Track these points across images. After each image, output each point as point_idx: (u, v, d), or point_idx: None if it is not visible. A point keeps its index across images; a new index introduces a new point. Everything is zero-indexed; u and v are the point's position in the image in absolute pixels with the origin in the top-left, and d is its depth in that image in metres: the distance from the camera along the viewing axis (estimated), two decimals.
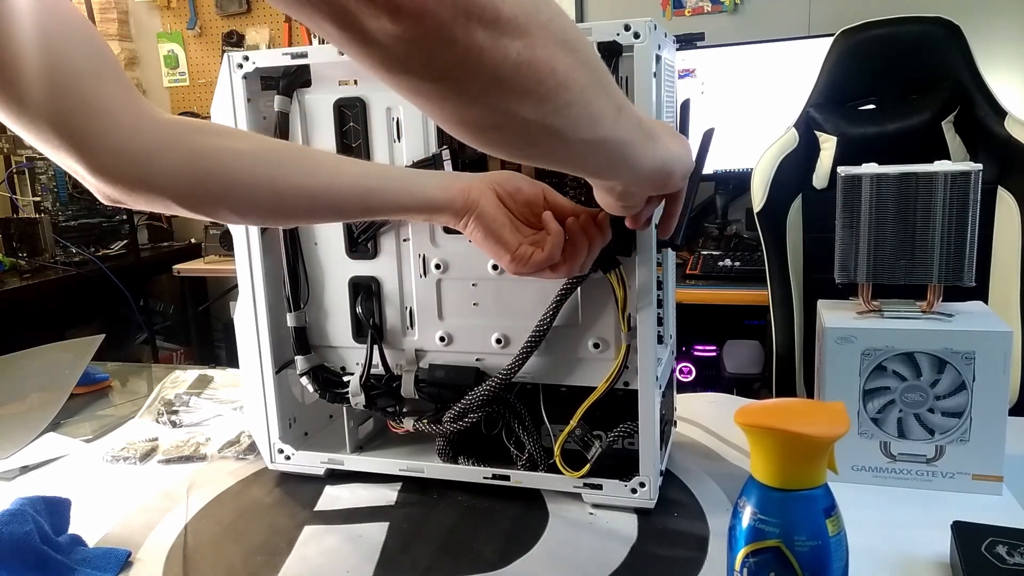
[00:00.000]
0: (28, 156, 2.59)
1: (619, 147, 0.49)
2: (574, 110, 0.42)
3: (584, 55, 0.41)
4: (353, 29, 0.34)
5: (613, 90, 0.46)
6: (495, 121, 0.41)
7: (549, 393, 0.77)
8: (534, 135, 0.43)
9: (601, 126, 0.45)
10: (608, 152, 0.48)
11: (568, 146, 0.46)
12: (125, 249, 2.68)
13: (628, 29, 0.65)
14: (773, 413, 0.49)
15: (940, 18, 1.51)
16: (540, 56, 0.38)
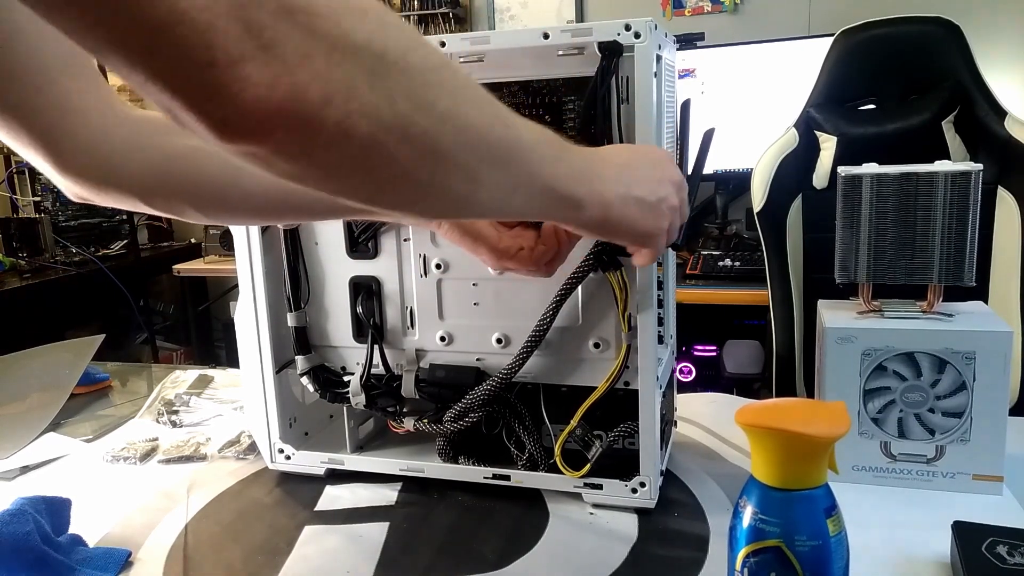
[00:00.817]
0: None
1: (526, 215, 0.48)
2: (446, 203, 0.43)
3: (466, 158, 0.41)
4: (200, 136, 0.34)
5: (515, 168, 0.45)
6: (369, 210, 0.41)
7: (549, 393, 0.77)
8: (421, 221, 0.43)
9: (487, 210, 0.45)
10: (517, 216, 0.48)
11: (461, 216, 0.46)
12: (125, 249, 2.68)
13: (629, 29, 0.65)
14: (773, 413, 0.49)
15: (940, 18, 1.51)
16: (400, 171, 0.38)
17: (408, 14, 2.67)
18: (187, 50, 0.29)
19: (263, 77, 0.31)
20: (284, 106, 0.32)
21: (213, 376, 1.18)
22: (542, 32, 0.67)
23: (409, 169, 0.39)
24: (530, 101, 0.72)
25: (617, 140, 0.68)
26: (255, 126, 0.32)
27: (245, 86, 0.31)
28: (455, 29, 2.66)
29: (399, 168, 0.38)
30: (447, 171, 0.40)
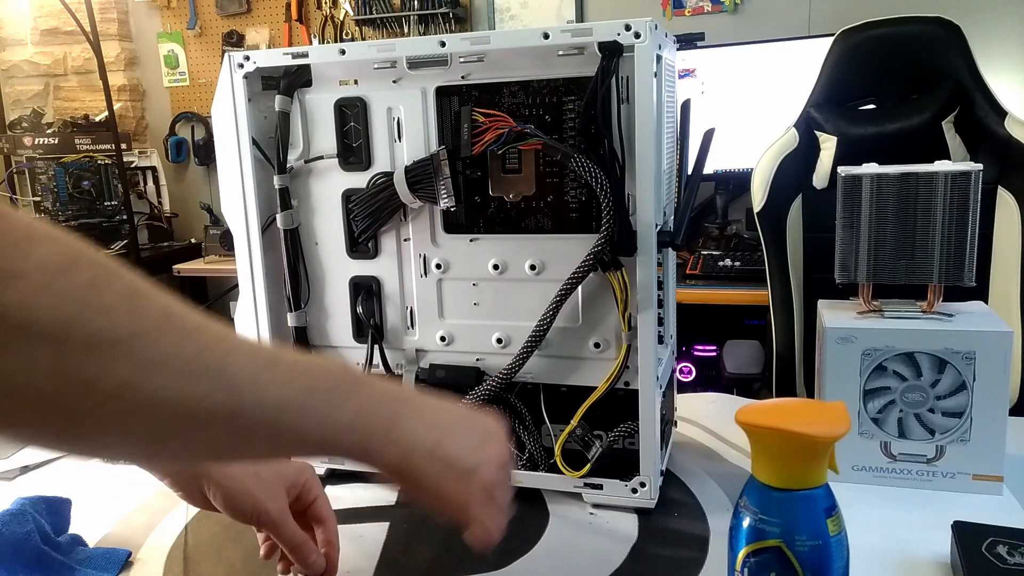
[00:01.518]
0: (28, 156, 2.59)
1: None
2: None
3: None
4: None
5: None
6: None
7: (549, 393, 0.77)
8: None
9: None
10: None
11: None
12: (125, 249, 2.68)
13: (629, 29, 0.65)
14: (773, 413, 0.49)
15: (940, 18, 1.51)
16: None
17: (408, 14, 2.66)
18: None
19: None
20: None
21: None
22: (542, 32, 0.67)
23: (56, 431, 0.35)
24: (530, 101, 0.72)
25: (617, 140, 0.68)
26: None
27: None
28: (455, 29, 2.66)
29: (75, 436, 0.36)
30: (122, 441, 0.37)
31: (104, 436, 0.36)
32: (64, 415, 0.34)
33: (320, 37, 2.83)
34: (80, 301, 0.33)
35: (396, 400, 0.47)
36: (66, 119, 2.78)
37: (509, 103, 0.72)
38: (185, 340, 0.37)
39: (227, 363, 0.39)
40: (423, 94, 0.74)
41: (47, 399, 0.33)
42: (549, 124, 0.71)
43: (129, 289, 0.36)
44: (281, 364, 0.41)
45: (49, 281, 0.32)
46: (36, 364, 0.32)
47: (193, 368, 0.37)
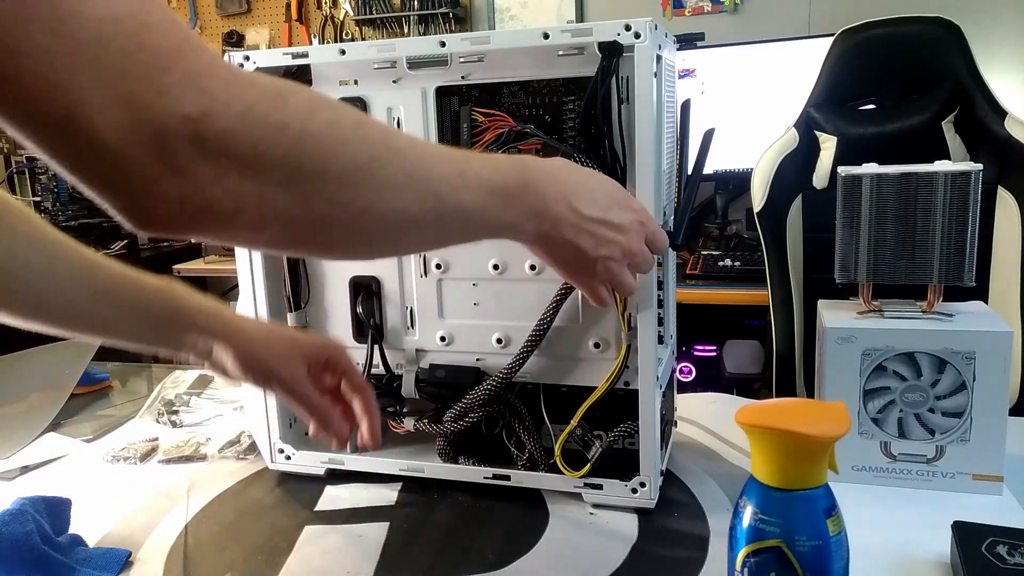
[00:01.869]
0: (28, 156, 2.59)
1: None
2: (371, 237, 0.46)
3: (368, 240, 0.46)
4: None
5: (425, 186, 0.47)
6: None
7: (550, 393, 0.77)
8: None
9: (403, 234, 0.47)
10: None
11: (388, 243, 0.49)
12: (125, 249, 2.68)
13: (629, 29, 0.65)
14: (773, 413, 0.49)
15: (940, 18, 1.51)
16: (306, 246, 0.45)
17: (408, 14, 2.66)
18: (106, 168, 0.34)
19: (176, 193, 0.35)
20: (196, 216, 0.36)
21: (213, 376, 1.18)
22: (542, 32, 0.67)
23: (324, 244, 0.44)
24: (530, 101, 0.72)
25: (618, 140, 0.68)
26: (170, 228, 0.37)
27: (158, 202, 0.35)
28: (455, 29, 2.66)
29: (315, 243, 0.44)
30: (365, 244, 0.46)
31: (355, 243, 0.46)
32: (330, 230, 0.42)
33: (320, 37, 2.83)
34: (329, 139, 0.40)
35: (557, 195, 0.55)
36: None
37: (509, 103, 0.72)
38: (402, 159, 0.45)
39: (432, 175, 0.47)
40: (423, 94, 0.74)
41: (317, 221, 0.41)
42: (549, 124, 0.71)
43: (355, 120, 0.43)
44: (468, 171, 0.50)
45: (306, 127, 0.39)
46: (311, 193, 0.40)
47: (412, 183, 0.45)
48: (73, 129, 0.32)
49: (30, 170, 2.61)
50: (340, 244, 0.45)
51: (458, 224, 0.50)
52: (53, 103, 0.31)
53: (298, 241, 0.43)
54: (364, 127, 0.44)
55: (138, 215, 0.35)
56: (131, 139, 0.33)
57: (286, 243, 0.43)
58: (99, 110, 0.32)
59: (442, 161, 0.49)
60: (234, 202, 0.37)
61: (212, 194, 0.36)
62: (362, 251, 0.48)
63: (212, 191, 0.36)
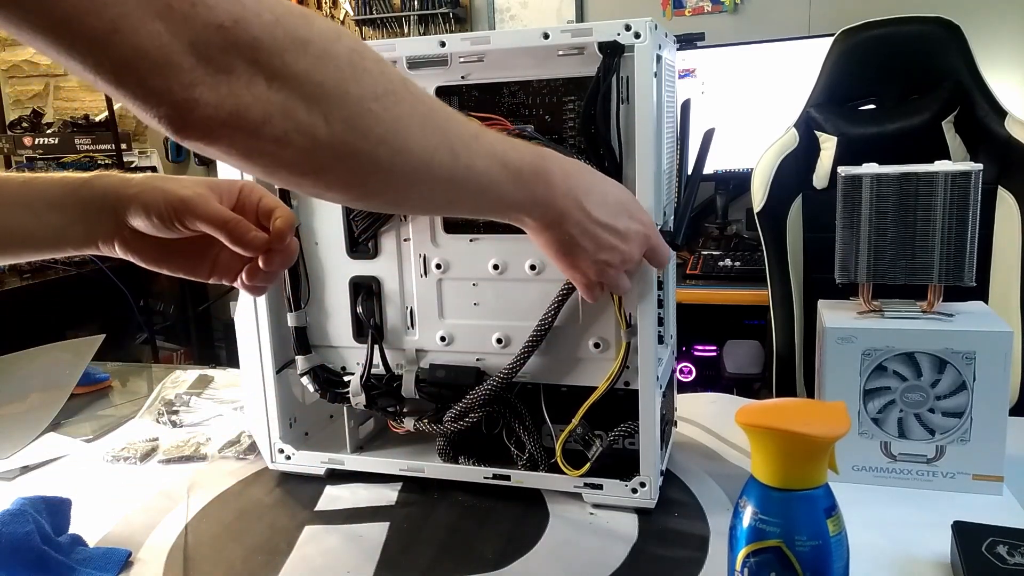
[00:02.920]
0: (28, 156, 2.59)
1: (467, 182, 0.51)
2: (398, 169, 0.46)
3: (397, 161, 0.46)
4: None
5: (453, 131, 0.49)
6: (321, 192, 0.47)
7: (549, 393, 0.77)
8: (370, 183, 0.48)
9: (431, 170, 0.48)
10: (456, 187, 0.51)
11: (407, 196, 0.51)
12: None
13: (629, 29, 0.65)
14: (774, 413, 0.49)
15: (940, 18, 1.51)
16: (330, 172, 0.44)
17: (408, 14, 2.66)
18: (148, 76, 0.36)
19: (212, 98, 0.37)
20: (229, 121, 0.38)
21: (213, 376, 1.18)
22: (542, 32, 0.67)
23: (343, 177, 0.45)
24: (530, 101, 0.72)
25: (615, 140, 0.68)
26: (206, 132, 0.39)
27: (197, 104, 0.37)
28: (455, 29, 2.66)
29: (334, 175, 0.44)
30: (381, 183, 0.46)
31: (372, 180, 0.46)
32: (348, 159, 0.44)
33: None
34: (350, 64, 0.42)
35: (568, 191, 0.56)
36: (66, 119, 2.78)
37: (509, 103, 0.72)
38: (419, 101, 0.46)
39: (448, 126, 0.48)
40: None
41: (336, 145, 0.42)
42: (549, 124, 0.71)
43: (377, 56, 0.45)
44: (485, 137, 0.51)
45: (328, 47, 0.41)
46: (331, 113, 0.41)
47: (428, 129, 0.47)
48: (117, 41, 0.34)
49: (30, 170, 2.61)
50: (358, 178, 0.46)
51: (469, 189, 0.51)
52: (99, 18, 0.34)
53: (319, 166, 0.44)
54: (385, 64, 0.45)
55: (178, 120, 0.38)
56: (170, 47, 0.35)
57: (309, 166, 0.44)
58: (140, 21, 0.34)
59: (459, 120, 0.50)
60: (262, 110, 0.39)
61: (244, 100, 0.38)
62: (378, 191, 0.48)
63: (244, 97, 0.38)
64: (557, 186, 0.55)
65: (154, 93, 0.37)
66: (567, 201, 0.56)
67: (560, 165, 0.56)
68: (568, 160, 0.58)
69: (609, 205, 0.58)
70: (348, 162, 0.44)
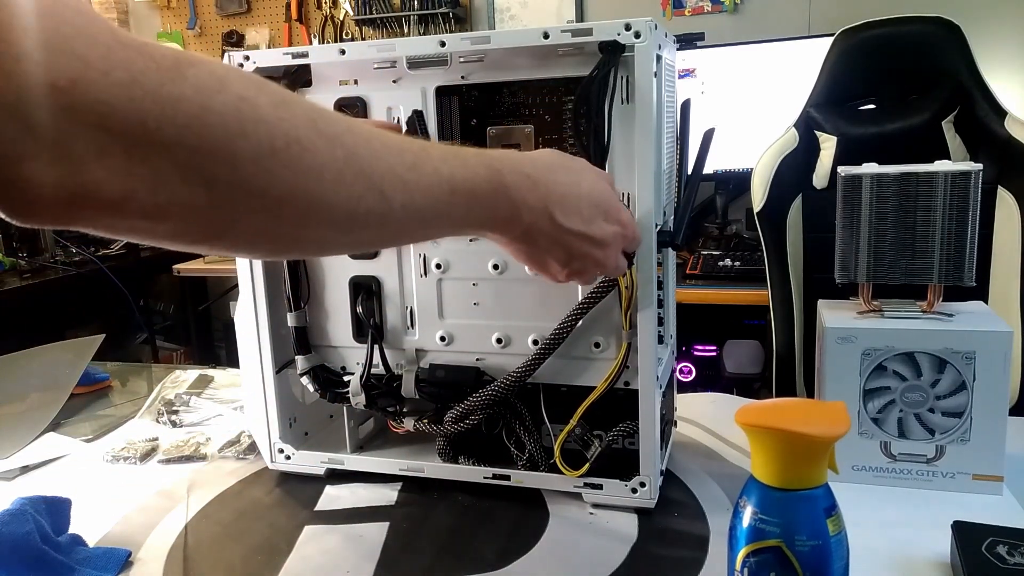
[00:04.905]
0: None
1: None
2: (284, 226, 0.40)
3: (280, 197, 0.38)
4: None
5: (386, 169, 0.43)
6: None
7: (549, 393, 0.77)
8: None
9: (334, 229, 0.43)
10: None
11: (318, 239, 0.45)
12: (125, 249, 2.68)
13: (629, 29, 0.65)
14: (773, 413, 0.49)
15: (940, 18, 1.51)
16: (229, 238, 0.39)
17: (408, 14, 2.66)
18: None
19: (49, 177, 0.30)
20: (77, 201, 0.31)
21: (213, 376, 1.18)
22: (542, 32, 0.67)
23: (245, 239, 0.39)
24: (530, 101, 0.72)
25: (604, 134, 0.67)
26: (51, 217, 0.32)
27: (29, 185, 0.30)
28: (455, 29, 2.66)
29: (230, 240, 0.38)
30: (294, 240, 0.40)
31: (278, 238, 0.40)
32: (244, 222, 0.37)
33: (320, 37, 2.83)
34: (238, 117, 0.35)
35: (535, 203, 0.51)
36: None
37: (509, 103, 0.72)
38: (334, 146, 0.39)
39: (375, 166, 0.41)
40: (423, 94, 0.74)
41: (227, 211, 0.36)
42: (549, 124, 0.71)
43: (277, 99, 0.38)
44: (426, 164, 0.44)
45: (207, 102, 0.34)
46: (216, 178, 0.35)
47: (347, 175, 0.40)
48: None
49: None
50: (260, 239, 0.40)
51: (411, 225, 0.46)
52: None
53: (208, 234, 0.38)
54: (287, 106, 0.38)
55: (10, 202, 0.31)
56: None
57: (195, 236, 0.38)
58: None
59: (390, 153, 0.43)
60: (122, 185, 0.32)
61: (94, 175, 0.31)
62: (295, 247, 0.43)
63: (94, 172, 0.31)
64: (523, 201, 0.51)
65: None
66: (534, 215, 0.51)
67: (524, 172, 0.51)
68: (533, 160, 0.53)
69: (583, 212, 0.54)
70: (245, 225, 0.38)
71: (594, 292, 0.71)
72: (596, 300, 0.71)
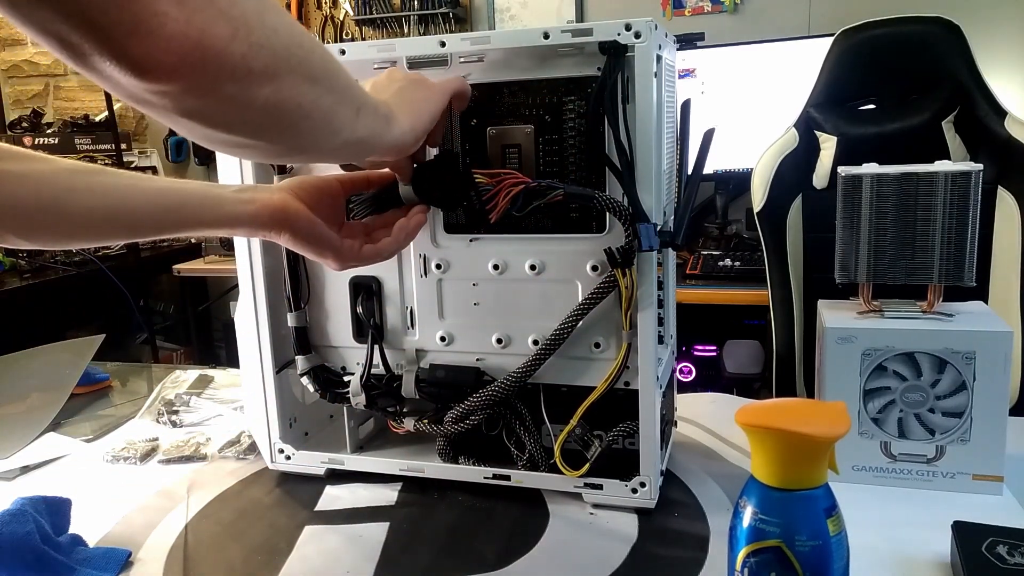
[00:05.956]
0: None
1: (360, 143, 0.54)
2: (318, 131, 0.47)
3: (329, 83, 0.46)
4: (106, 77, 0.36)
5: (353, 95, 0.51)
6: (248, 144, 0.45)
7: (549, 393, 0.77)
8: (285, 153, 0.53)
9: (342, 134, 0.50)
10: (352, 149, 0.56)
11: (316, 155, 0.58)
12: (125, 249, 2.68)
13: (629, 29, 0.65)
14: (774, 413, 0.49)
15: (940, 18, 1.51)
16: (286, 96, 0.42)
17: (408, 14, 2.66)
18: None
19: (180, 15, 0.34)
20: (200, 41, 0.36)
21: (213, 376, 1.18)
22: (542, 32, 0.67)
23: (295, 96, 0.43)
24: (530, 101, 0.72)
25: (624, 139, 0.67)
26: (174, 61, 0.35)
27: (164, 22, 0.34)
28: (455, 29, 2.66)
29: (288, 96, 0.43)
30: (320, 94, 0.46)
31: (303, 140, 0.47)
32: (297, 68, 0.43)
33: (320, 37, 2.83)
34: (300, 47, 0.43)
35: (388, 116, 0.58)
36: (66, 119, 2.78)
37: (509, 103, 0.72)
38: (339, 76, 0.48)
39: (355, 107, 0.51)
40: None
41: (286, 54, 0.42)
42: (549, 124, 0.71)
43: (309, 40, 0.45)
44: (363, 110, 0.52)
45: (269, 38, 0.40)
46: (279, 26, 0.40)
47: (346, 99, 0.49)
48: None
49: None
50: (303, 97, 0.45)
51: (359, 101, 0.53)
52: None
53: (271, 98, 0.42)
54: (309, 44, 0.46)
55: (140, 44, 0.34)
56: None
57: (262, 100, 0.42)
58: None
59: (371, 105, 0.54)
60: (227, 25, 0.37)
61: (208, 15, 0.36)
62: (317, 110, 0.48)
63: (208, 11, 0.36)
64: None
65: (115, 9, 0.32)
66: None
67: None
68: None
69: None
70: (298, 73, 0.43)
71: (594, 292, 0.71)
72: (597, 300, 0.71)
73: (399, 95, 0.62)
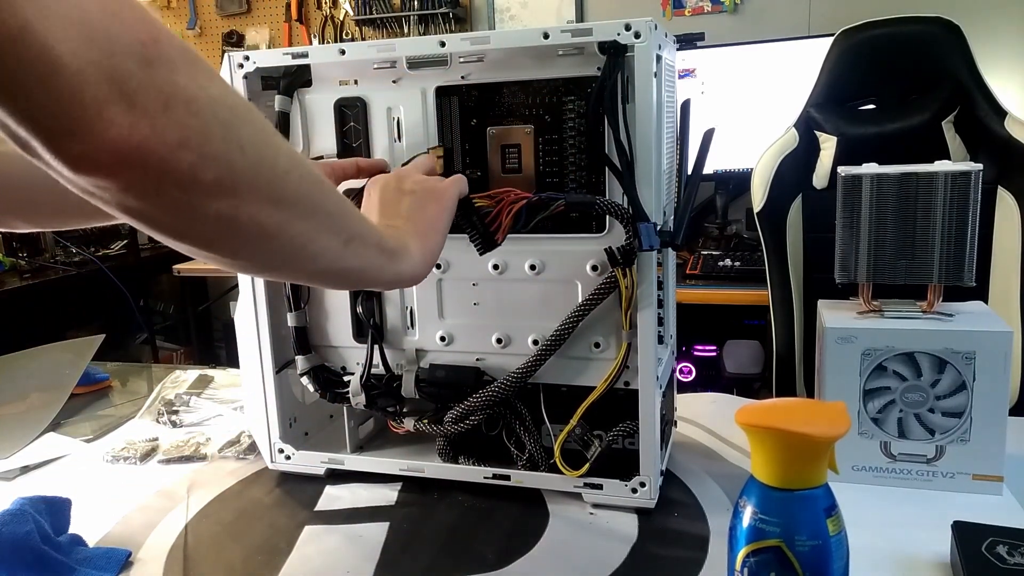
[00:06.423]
0: None
1: (349, 273, 0.52)
2: (287, 254, 0.45)
3: (304, 208, 0.44)
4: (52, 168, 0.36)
5: (342, 224, 0.49)
6: (206, 255, 0.43)
7: (549, 393, 0.77)
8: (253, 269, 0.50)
9: (319, 262, 0.48)
10: (339, 277, 0.53)
11: (293, 276, 0.54)
12: (125, 249, 2.68)
13: (629, 29, 0.65)
14: (773, 413, 0.49)
15: (940, 18, 1.51)
16: (244, 214, 0.40)
17: (408, 14, 2.67)
18: (56, 92, 0.32)
19: (125, 120, 0.34)
20: (142, 145, 0.35)
21: (213, 376, 1.18)
22: (542, 32, 0.67)
23: (256, 216, 0.41)
24: (530, 101, 0.72)
25: (624, 139, 0.67)
26: (112, 162, 0.35)
27: (108, 127, 0.34)
28: (455, 29, 2.66)
29: (247, 214, 0.41)
30: (288, 218, 0.44)
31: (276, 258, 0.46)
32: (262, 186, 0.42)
33: (320, 37, 2.83)
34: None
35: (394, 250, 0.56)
36: None
37: (509, 103, 0.72)
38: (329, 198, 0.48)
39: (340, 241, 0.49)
40: (423, 94, 0.74)
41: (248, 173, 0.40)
42: (549, 124, 0.71)
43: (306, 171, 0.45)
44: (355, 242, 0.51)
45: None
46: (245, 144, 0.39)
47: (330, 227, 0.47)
48: (26, 44, 0.31)
49: None
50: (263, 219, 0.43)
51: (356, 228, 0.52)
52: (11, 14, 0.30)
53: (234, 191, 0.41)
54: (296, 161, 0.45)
55: (79, 143, 0.34)
56: (85, 56, 0.32)
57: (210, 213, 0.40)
58: (56, 24, 0.31)
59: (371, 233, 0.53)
60: (178, 134, 0.36)
61: (159, 122, 0.35)
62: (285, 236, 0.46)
63: (159, 119, 0.35)
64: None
65: (59, 111, 0.32)
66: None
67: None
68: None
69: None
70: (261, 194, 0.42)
71: (595, 292, 0.71)
72: (597, 300, 0.71)
73: (411, 217, 0.60)
